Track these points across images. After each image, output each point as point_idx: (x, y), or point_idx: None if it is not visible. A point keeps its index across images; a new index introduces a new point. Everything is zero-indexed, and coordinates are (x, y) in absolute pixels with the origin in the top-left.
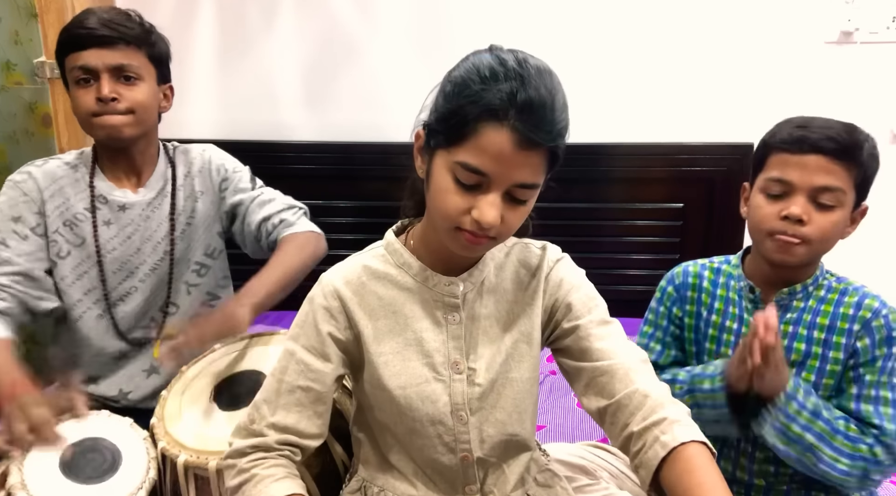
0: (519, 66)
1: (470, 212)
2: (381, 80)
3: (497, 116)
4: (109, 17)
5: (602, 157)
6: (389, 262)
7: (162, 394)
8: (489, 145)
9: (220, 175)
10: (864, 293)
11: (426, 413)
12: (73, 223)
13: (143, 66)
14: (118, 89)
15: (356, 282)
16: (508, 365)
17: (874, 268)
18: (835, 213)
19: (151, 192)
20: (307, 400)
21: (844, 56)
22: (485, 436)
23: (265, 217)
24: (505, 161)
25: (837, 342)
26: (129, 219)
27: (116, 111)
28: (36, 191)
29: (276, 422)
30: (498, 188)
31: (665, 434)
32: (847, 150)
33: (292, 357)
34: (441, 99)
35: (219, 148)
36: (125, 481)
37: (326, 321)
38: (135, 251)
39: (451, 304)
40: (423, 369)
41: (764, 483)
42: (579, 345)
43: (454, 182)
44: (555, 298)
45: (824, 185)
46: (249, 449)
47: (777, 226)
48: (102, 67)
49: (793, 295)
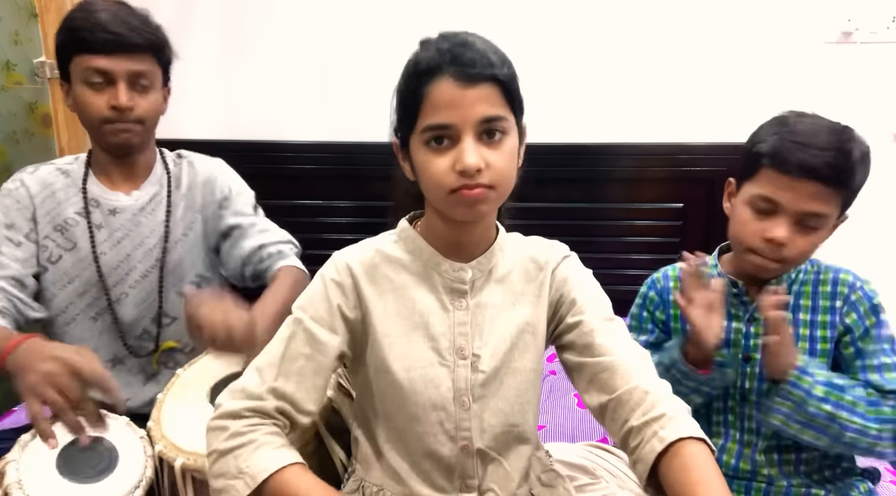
0: (439, 35)
1: (454, 168)
2: (381, 80)
3: (434, 72)
4: (126, 20)
5: (602, 157)
6: (401, 248)
7: (158, 397)
8: (439, 98)
9: (223, 193)
10: (837, 269)
11: (428, 397)
12: (64, 227)
13: (155, 72)
14: (134, 98)
15: (368, 262)
16: (513, 354)
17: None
18: (817, 235)
19: (145, 196)
20: (309, 370)
21: (844, 56)
22: (486, 426)
23: (261, 245)
24: (457, 105)
25: (823, 320)
26: (119, 223)
27: (129, 120)
28: (27, 198)
29: (276, 387)
30: (467, 132)
31: (663, 429)
32: (841, 178)
33: (300, 324)
34: (395, 99)
35: (228, 166)
36: (122, 480)
37: (338, 295)
38: (125, 256)
39: (458, 290)
40: (428, 353)
41: (767, 476)
42: (583, 340)
43: (430, 151)
44: (560, 293)
45: (813, 211)
46: (246, 412)
47: (758, 245)
48: (122, 74)
49: (779, 285)
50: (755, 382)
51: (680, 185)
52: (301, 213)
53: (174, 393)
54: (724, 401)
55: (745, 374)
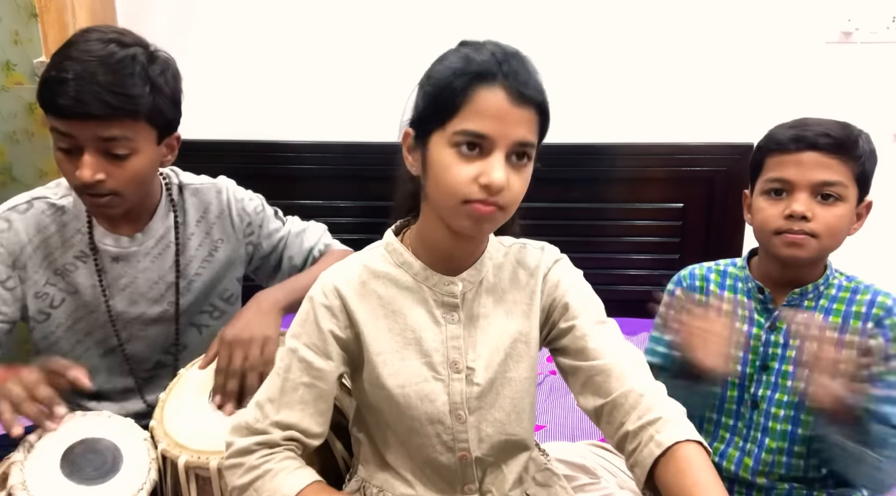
0: (488, 41)
1: (477, 179)
2: (381, 80)
3: (486, 78)
4: (96, 77)
5: (602, 157)
6: (389, 262)
7: (160, 397)
8: (486, 106)
9: (243, 221)
10: (876, 291)
11: (425, 412)
12: (64, 272)
13: (136, 136)
14: (105, 167)
15: (356, 281)
16: (507, 364)
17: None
18: (838, 207)
19: (149, 240)
20: (310, 397)
21: (844, 56)
22: (483, 436)
23: (310, 247)
24: (503, 119)
25: (850, 341)
26: (122, 271)
27: (102, 193)
28: (17, 244)
29: (280, 420)
30: (500, 149)
31: (660, 433)
32: (842, 145)
33: (294, 354)
34: (424, 90)
35: (229, 180)
36: (126, 482)
37: (327, 319)
38: (131, 303)
39: (449, 304)
40: (422, 368)
41: (766, 481)
42: (576, 344)
43: (456, 154)
44: (552, 298)
45: (824, 180)
46: (255, 446)
47: (782, 224)
48: (88, 142)
49: (804, 295)
50: (769, 391)
51: (680, 185)
52: (302, 214)
53: (176, 392)
54: (738, 405)
55: (761, 382)
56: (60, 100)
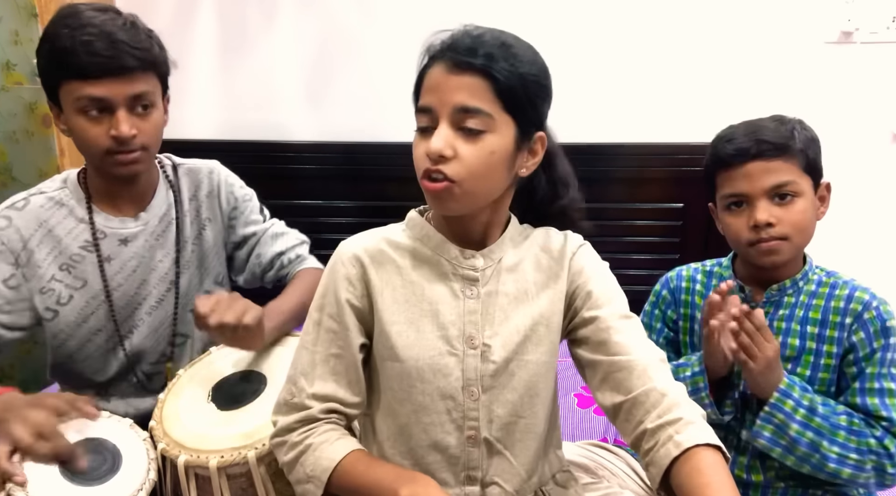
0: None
1: (428, 155)
2: (381, 79)
3: (435, 57)
4: (118, 35)
5: (602, 157)
6: (409, 236)
7: (159, 397)
8: (430, 81)
9: (230, 204)
10: (854, 286)
11: (437, 386)
12: (71, 265)
13: (155, 89)
14: (136, 124)
15: (374, 249)
16: (525, 346)
17: (875, 267)
18: (797, 203)
19: (153, 218)
20: (341, 367)
21: (844, 56)
22: (493, 416)
23: (281, 251)
24: (439, 88)
25: (831, 336)
26: (132, 252)
27: (134, 148)
28: (18, 240)
29: (316, 392)
30: (443, 118)
31: (679, 434)
32: (782, 145)
33: (319, 326)
34: None
35: (223, 166)
36: (125, 482)
37: (345, 289)
38: (140, 284)
39: (469, 278)
40: (438, 341)
41: (762, 480)
42: (598, 336)
43: (417, 133)
44: (576, 285)
45: (775, 183)
46: (296, 423)
47: (751, 236)
48: (121, 100)
49: (783, 291)
50: None
51: (680, 185)
52: (301, 214)
53: (175, 392)
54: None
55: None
56: (95, 59)
